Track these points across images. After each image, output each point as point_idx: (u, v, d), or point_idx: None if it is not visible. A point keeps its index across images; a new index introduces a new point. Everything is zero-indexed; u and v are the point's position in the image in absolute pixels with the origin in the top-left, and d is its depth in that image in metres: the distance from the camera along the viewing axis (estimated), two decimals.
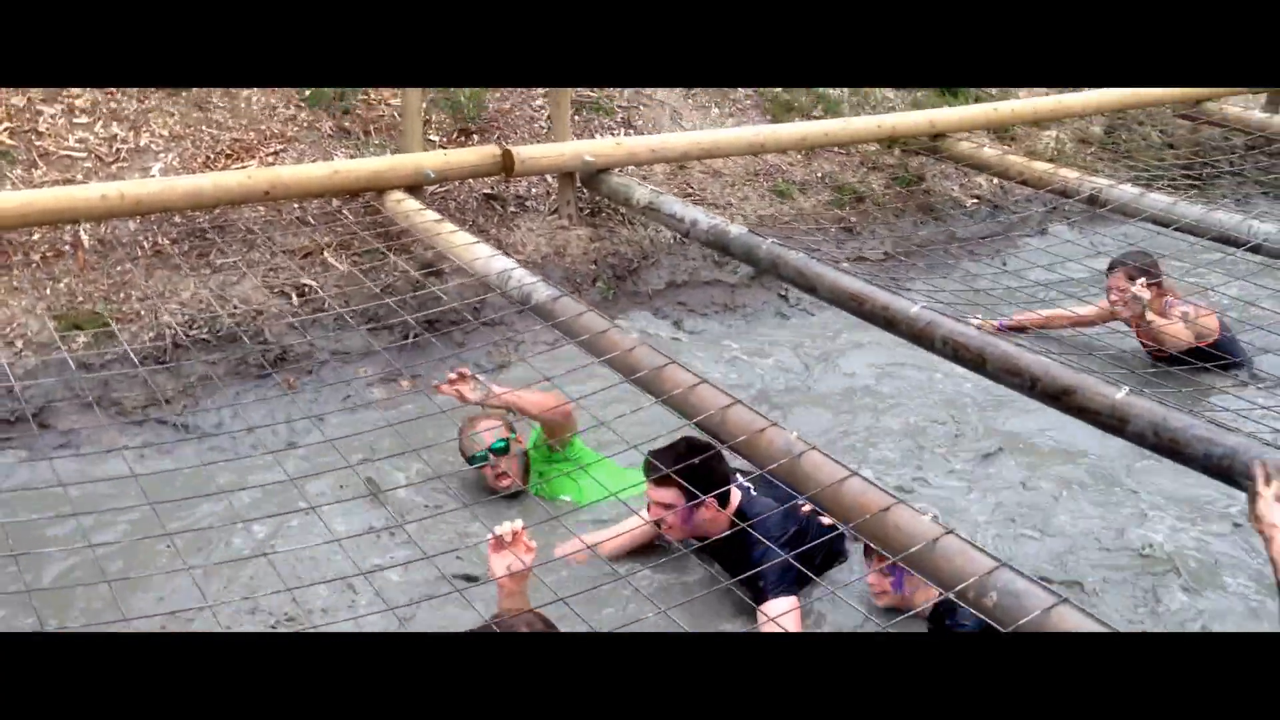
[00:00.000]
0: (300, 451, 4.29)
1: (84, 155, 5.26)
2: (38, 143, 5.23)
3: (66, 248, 4.94)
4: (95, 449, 4.22)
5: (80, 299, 4.75)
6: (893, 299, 3.99)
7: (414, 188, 5.35)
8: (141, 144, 5.42)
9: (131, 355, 4.51)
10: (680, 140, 5.93)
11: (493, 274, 4.43)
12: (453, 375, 4.03)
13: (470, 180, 5.79)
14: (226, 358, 4.79)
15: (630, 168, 5.84)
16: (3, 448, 4.25)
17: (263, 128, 5.75)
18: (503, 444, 4.17)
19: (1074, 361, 3.78)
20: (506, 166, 5.42)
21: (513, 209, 5.87)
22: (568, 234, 5.78)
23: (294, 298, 5.09)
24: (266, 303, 5.00)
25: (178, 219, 5.20)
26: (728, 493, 3.69)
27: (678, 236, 6.01)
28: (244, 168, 5.43)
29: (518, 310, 4.61)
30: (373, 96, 6.14)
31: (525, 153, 5.43)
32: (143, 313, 4.80)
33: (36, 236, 4.92)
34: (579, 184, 5.80)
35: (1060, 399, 3.27)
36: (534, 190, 6.00)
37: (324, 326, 5.01)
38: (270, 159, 5.59)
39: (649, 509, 3.70)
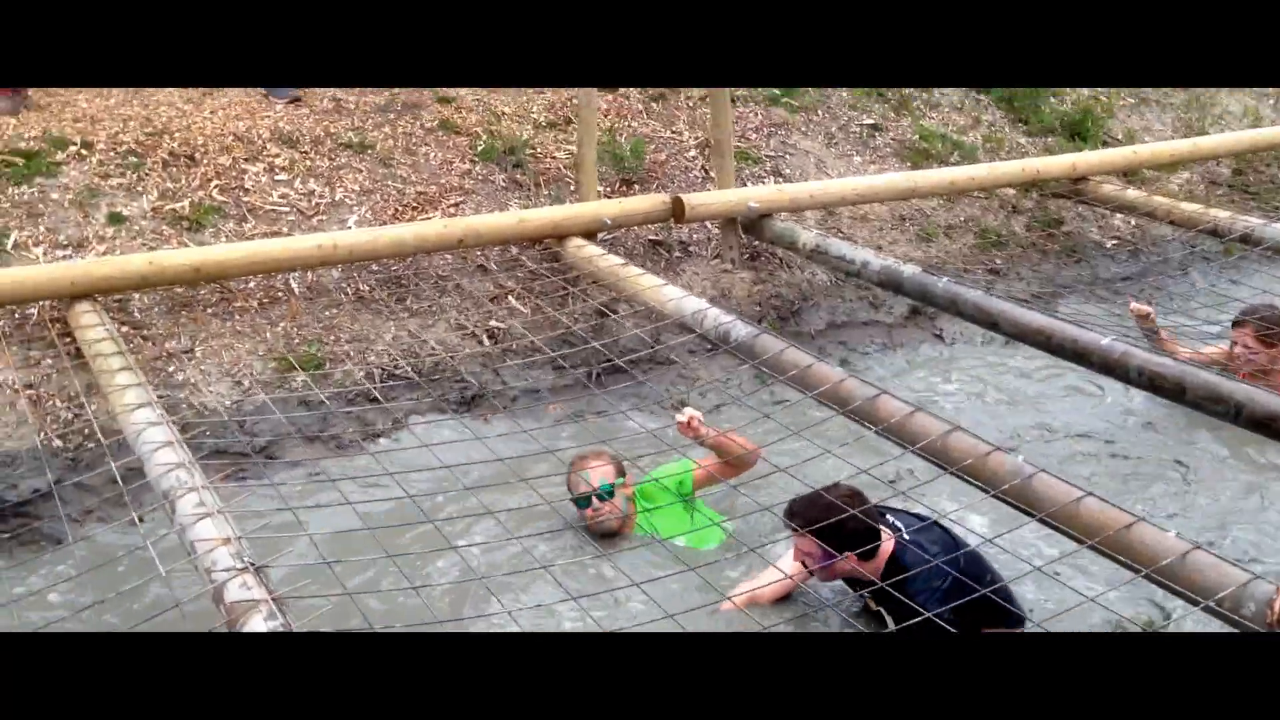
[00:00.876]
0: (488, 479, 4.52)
1: (287, 209, 5.66)
2: (245, 199, 5.63)
3: (280, 294, 5.32)
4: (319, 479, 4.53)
5: (296, 341, 5.11)
6: (1082, 332, 4.18)
7: (590, 234, 5.66)
8: (336, 198, 5.81)
9: (345, 393, 4.87)
10: (838, 186, 6.18)
11: (687, 314, 4.69)
12: (682, 419, 4.18)
13: (635, 228, 6.10)
14: (429, 394, 5.10)
15: (783, 214, 6.10)
16: (242, 477, 4.58)
17: (442, 181, 6.12)
18: (608, 488, 4.21)
19: None
20: (676, 213, 5.71)
21: (678, 254, 6.16)
22: (731, 277, 6.05)
23: (484, 339, 5.41)
24: (460, 344, 5.33)
25: (375, 267, 5.56)
26: (875, 546, 3.63)
27: (835, 279, 6.26)
28: (428, 219, 5.80)
29: (708, 350, 4.88)
30: (539, 151, 6.50)
31: (694, 200, 5.72)
32: (351, 353, 5.14)
33: (253, 284, 5.30)
34: (740, 229, 6.07)
35: (1269, 425, 3.43)
36: (695, 236, 6.29)
37: (513, 366, 5.33)
38: (451, 210, 5.95)
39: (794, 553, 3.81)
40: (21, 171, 5.32)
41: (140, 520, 3.79)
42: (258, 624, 2.67)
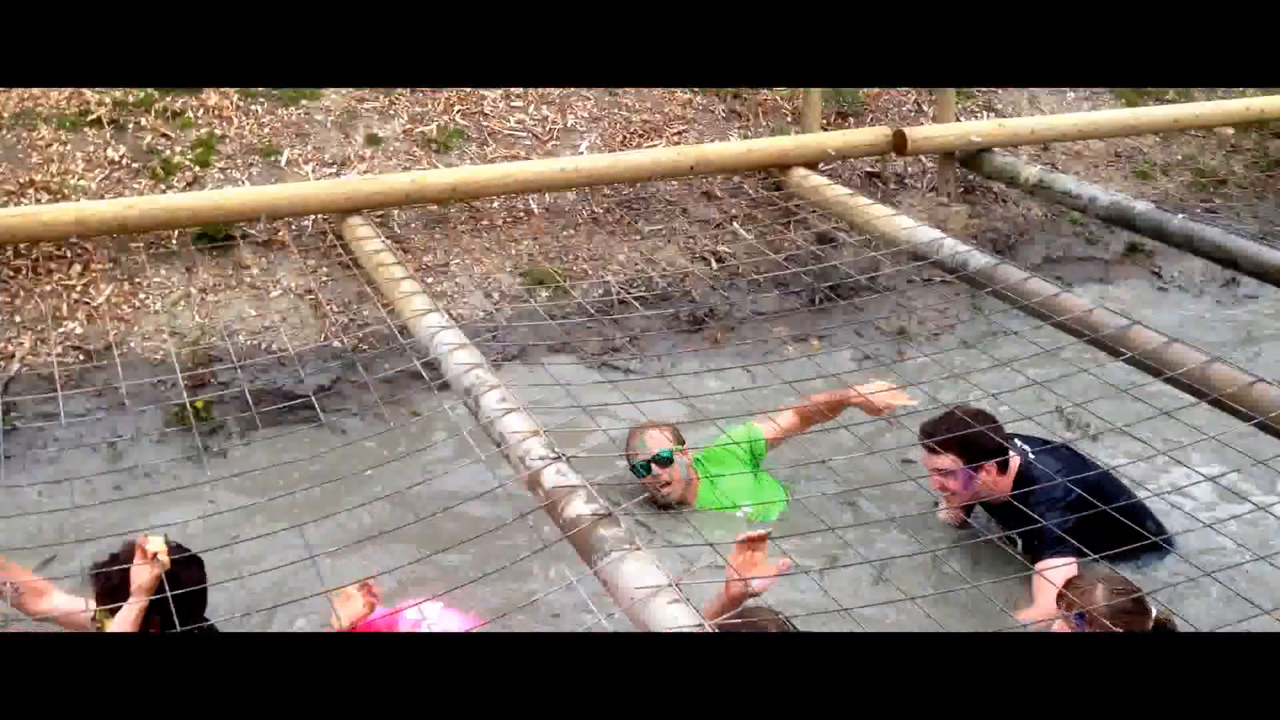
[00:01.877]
0: (720, 398, 4.76)
1: (523, 134, 5.96)
2: (485, 123, 5.95)
3: (521, 215, 5.64)
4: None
5: (538, 259, 5.43)
6: None
7: (811, 165, 5.83)
8: (568, 124, 6.09)
9: (586, 307, 5.17)
10: (1058, 122, 6.20)
11: (921, 242, 4.84)
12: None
13: (852, 160, 6.23)
14: (661, 313, 5.38)
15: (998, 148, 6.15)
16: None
17: (666, 111, 6.34)
18: (667, 454, 4.12)
19: None
20: (898, 146, 5.83)
21: (893, 186, 6.28)
22: (947, 210, 6.15)
23: (712, 263, 5.65)
24: (689, 266, 5.58)
25: (607, 190, 5.84)
26: (1006, 459, 3.76)
27: (1050, 214, 6.31)
28: (654, 146, 6.04)
29: (924, 280, 5.02)
30: None
31: (917, 133, 5.83)
32: (589, 271, 5.44)
33: (496, 204, 5.64)
34: (958, 164, 6.15)
35: None
36: (910, 169, 6.39)
37: (740, 289, 5.57)
38: (675, 138, 6.17)
39: (930, 478, 3.87)
40: (289, 95, 5.73)
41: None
42: (579, 507, 2.95)
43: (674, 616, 2.47)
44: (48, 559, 3.79)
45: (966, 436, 3.55)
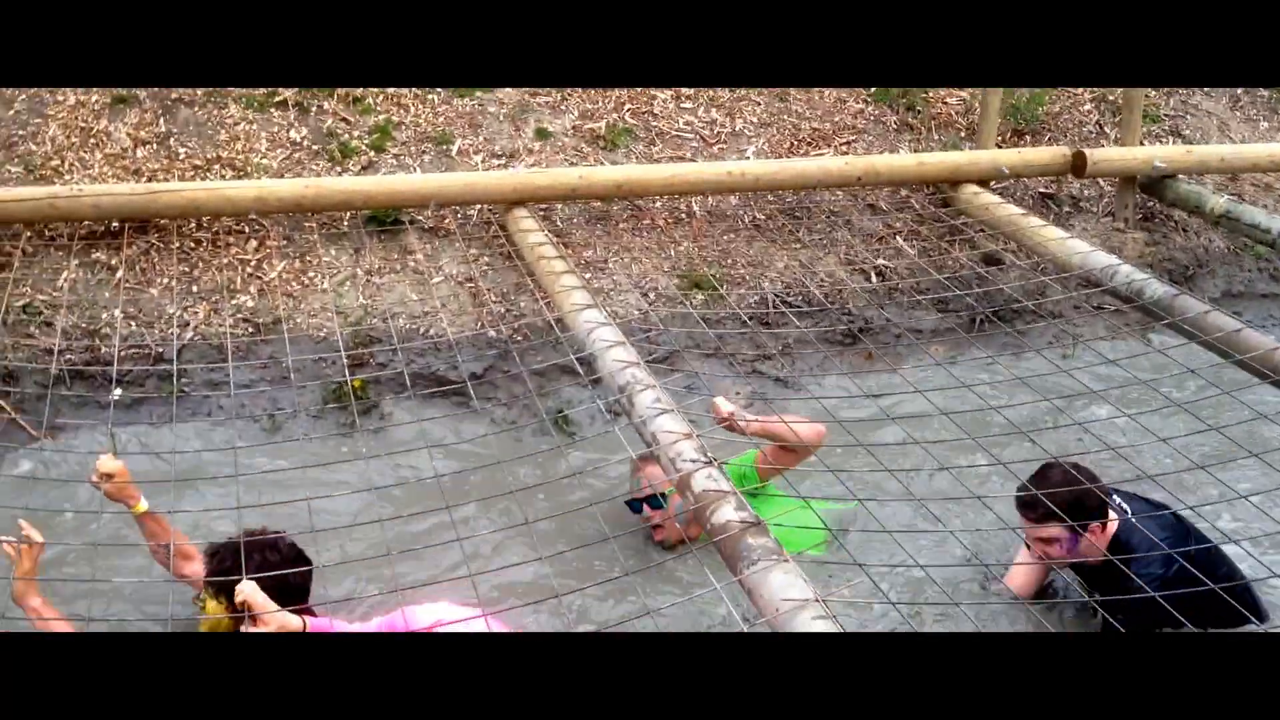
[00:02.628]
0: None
1: (690, 136, 5.95)
2: (654, 123, 5.96)
3: (683, 216, 5.63)
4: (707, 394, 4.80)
5: (696, 262, 5.41)
6: None
7: (983, 182, 5.66)
8: (736, 128, 6.05)
9: (741, 314, 5.13)
10: (1253, 151, 5.89)
11: (1095, 268, 4.65)
12: (724, 413, 3.83)
13: (1025, 179, 6.03)
14: (816, 325, 5.29)
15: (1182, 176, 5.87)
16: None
17: (836, 119, 6.25)
18: (659, 500, 3.89)
19: None
20: (1076, 167, 5.62)
21: (1067, 209, 6.06)
22: (1123, 237, 5.90)
23: (872, 276, 5.54)
24: (848, 279, 5.48)
25: (770, 197, 5.78)
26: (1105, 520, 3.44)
27: (1233, 247, 6.00)
28: (821, 154, 5.96)
29: (1093, 307, 4.82)
30: (931, 95, 6.50)
31: (1097, 155, 5.60)
32: (746, 277, 5.40)
33: (659, 204, 5.64)
34: (1138, 189, 5.90)
35: None
36: (1086, 192, 6.16)
37: (898, 305, 5.44)
38: (843, 148, 6.08)
39: (1028, 548, 3.56)
40: (465, 88, 5.84)
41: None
42: (728, 513, 2.92)
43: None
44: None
45: (1071, 498, 3.25)
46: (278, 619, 2.88)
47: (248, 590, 2.86)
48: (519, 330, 4.94)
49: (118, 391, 4.48)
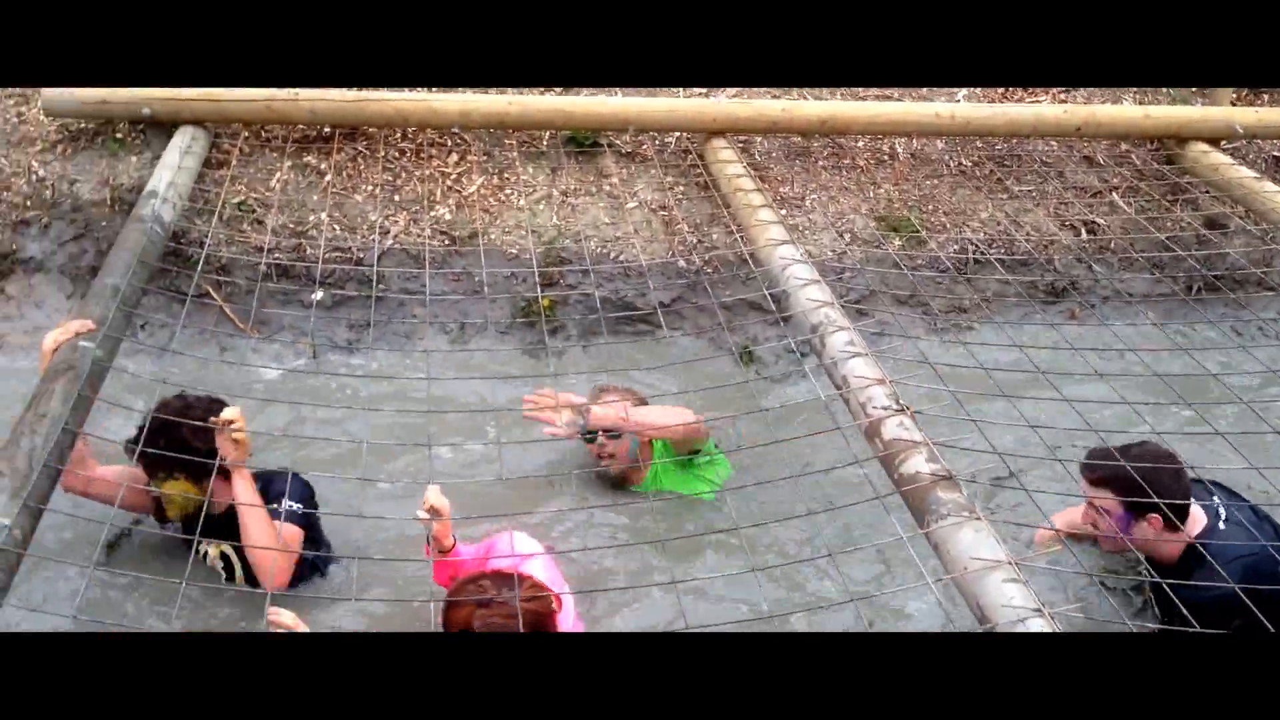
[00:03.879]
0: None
1: None
2: None
3: (885, 157, 5.45)
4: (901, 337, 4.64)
5: (896, 205, 5.23)
6: None
7: (1214, 141, 5.29)
8: None
9: (944, 261, 4.94)
10: None
11: None
12: (532, 396, 3.69)
13: (1259, 140, 5.62)
14: (1019, 279, 5.06)
15: None
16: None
17: None
18: (617, 432, 3.78)
19: None
20: None
21: None
22: None
23: (1082, 232, 5.26)
24: (1057, 233, 5.21)
25: (979, 144, 5.54)
26: (1184, 513, 3.15)
27: None
28: (1037, 102, 5.66)
29: None
30: None
31: None
32: (948, 225, 5.19)
33: (861, 144, 5.46)
34: None
35: None
36: None
37: (1108, 265, 5.15)
38: (1061, 96, 5.76)
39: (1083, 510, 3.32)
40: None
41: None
42: (919, 464, 2.82)
43: (1010, 596, 2.31)
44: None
45: (1135, 476, 2.98)
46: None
47: None
48: (709, 262, 4.87)
49: (319, 292, 4.61)
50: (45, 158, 4.80)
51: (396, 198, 4.89)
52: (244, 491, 3.18)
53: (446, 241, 4.78)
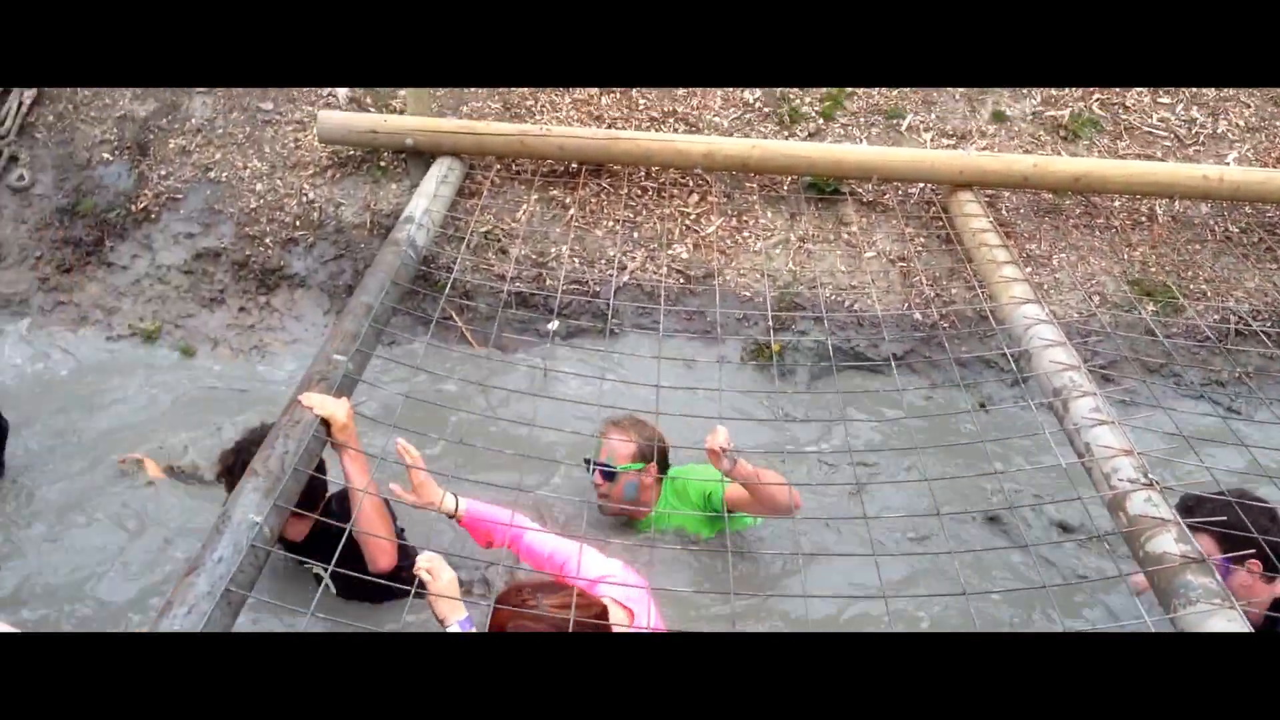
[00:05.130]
0: None
1: (1164, 134, 5.45)
2: (1123, 116, 5.51)
3: (1143, 219, 5.18)
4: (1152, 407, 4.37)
5: (1152, 269, 4.96)
6: None
7: None
8: (1218, 130, 5.47)
9: (1204, 330, 4.65)
10: None
11: None
12: (720, 443, 3.34)
13: None
14: None
15: None
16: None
17: None
18: (611, 472, 3.63)
19: None
20: None
21: None
22: None
23: None
24: None
25: (1248, 209, 5.20)
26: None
27: None
28: None
29: None
30: None
31: None
32: (1208, 293, 4.89)
33: (1118, 203, 5.21)
34: None
35: None
36: None
37: None
38: None
39: None
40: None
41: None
42: (1167, 543, 2.63)
43: None
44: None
45: (1234, 519, 2.84)
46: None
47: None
48: (946, 316, 4.74)
49: (555, 322, 4.73)
50: (315, 181, 5.12)
51: (636, 234, 4.97)
52: (355, 471, 3.19)
53: (682, 280, 4.83)
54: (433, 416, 4.14)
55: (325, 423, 3.05)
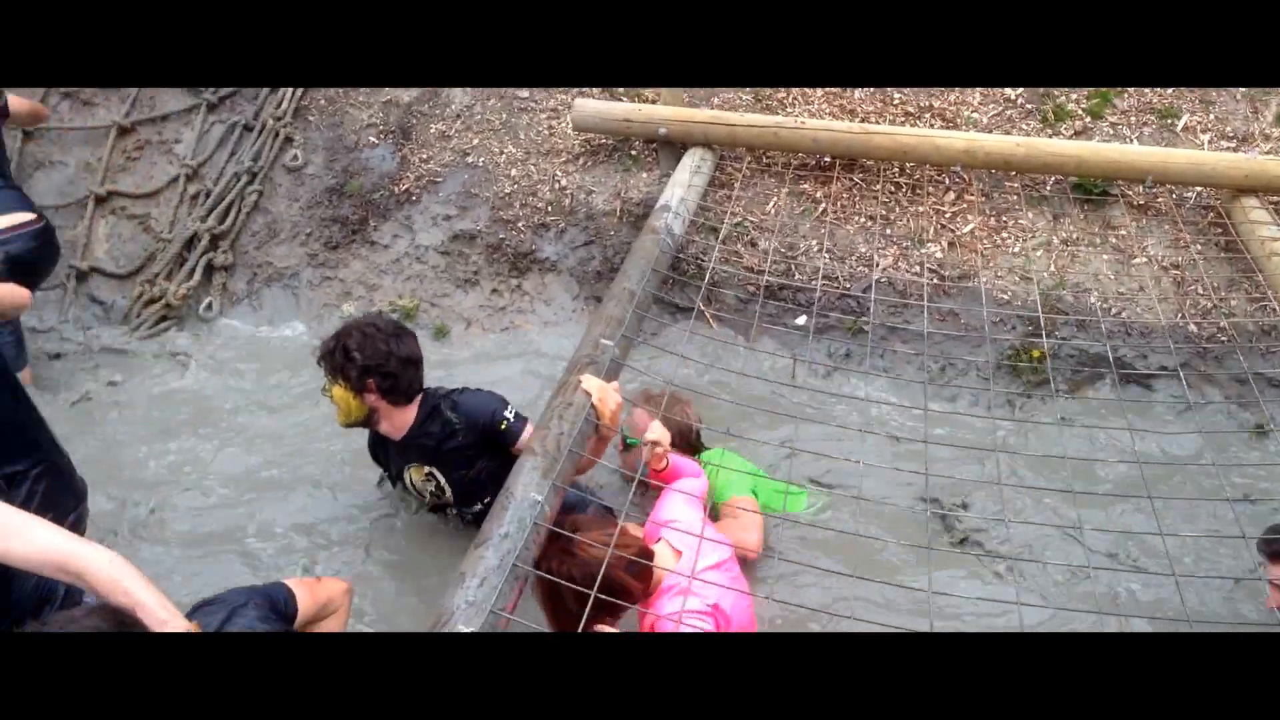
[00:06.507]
0: None
1: None
2: None
3: None
4: None
5: None
6: None
7: None
8: None
9: None
10: None
11: None
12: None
13: None
14: None
15: None
16: None
17: None
18: (634, 442, 3.71)
19: None
20: None
21: None
22: None
23: None
24: None
25: None
26: None
27: None
28: None
29: None
30: None
31: None
32: None
33: None
34: None
35: None
36: None
37: None
38: None
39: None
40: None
41: None
42: None
43: None
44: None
45: None
46: None
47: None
48: (1225, 330, 4.44)
49: (803, 318, 4.66)
50: (568, 168, 5.19)
51: (888, 231, 4.85)
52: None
53: (935, 280, 4.68)
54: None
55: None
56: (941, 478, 3.88)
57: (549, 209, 5.08)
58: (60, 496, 3.17)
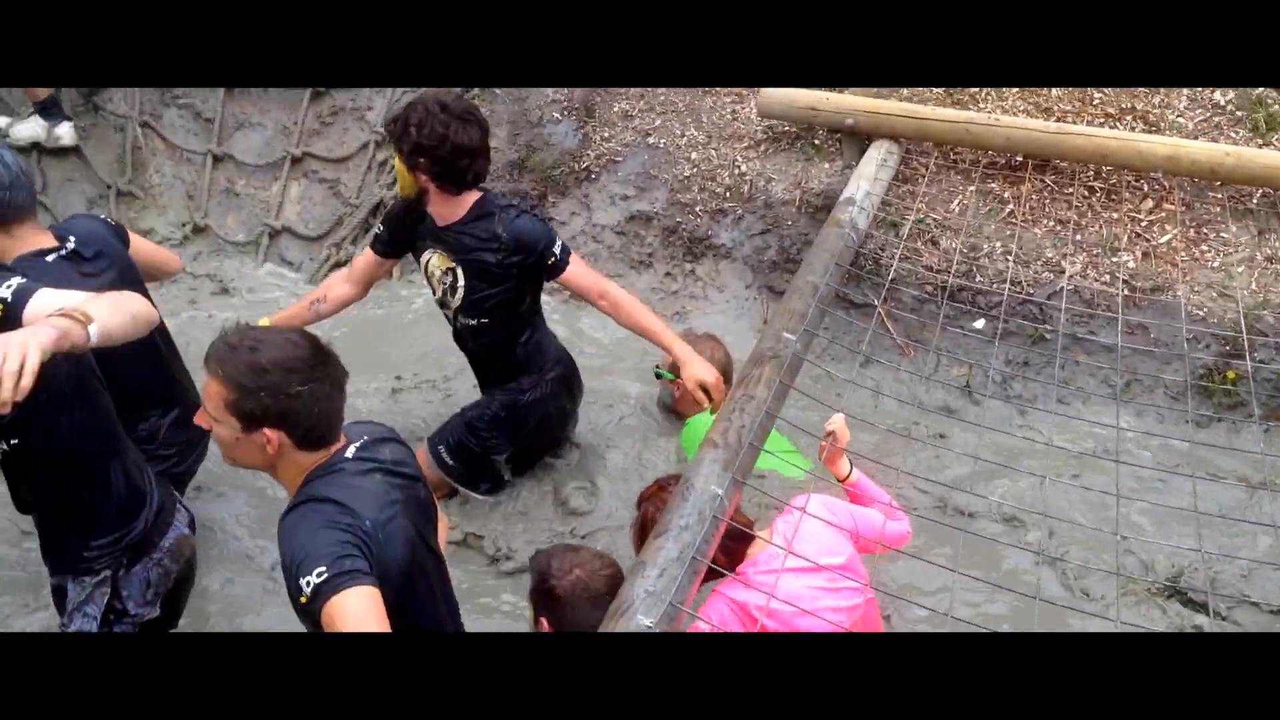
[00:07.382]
0: None
1: None
2: None
3: None
4: None
5: None
6: None
7: None
8: None
9: None
10: None
11: None
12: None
13: None
14: None
15: None
16: None
17: None
18: (661, 374, 4.16)
19: None
20: None
21: None
22: None
23: None
24: None
25: None
26: None
27: None
28: None
29: None
30: None
31: None
32: None
33: None
34: None
35: None
36: None
37: None
38: None
39: None
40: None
41: None
42: None
43: None
44: None
45: None
46: None
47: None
48: None
49: (980, 322, 4.53)
50: (748, 155, 5.15)
51: (1078, 237, 4.67)
52: None
53: (1126, 291, 4.49)
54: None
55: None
56: (1141, 502, 3.73)
57: (727, 194, 5.05)
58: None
